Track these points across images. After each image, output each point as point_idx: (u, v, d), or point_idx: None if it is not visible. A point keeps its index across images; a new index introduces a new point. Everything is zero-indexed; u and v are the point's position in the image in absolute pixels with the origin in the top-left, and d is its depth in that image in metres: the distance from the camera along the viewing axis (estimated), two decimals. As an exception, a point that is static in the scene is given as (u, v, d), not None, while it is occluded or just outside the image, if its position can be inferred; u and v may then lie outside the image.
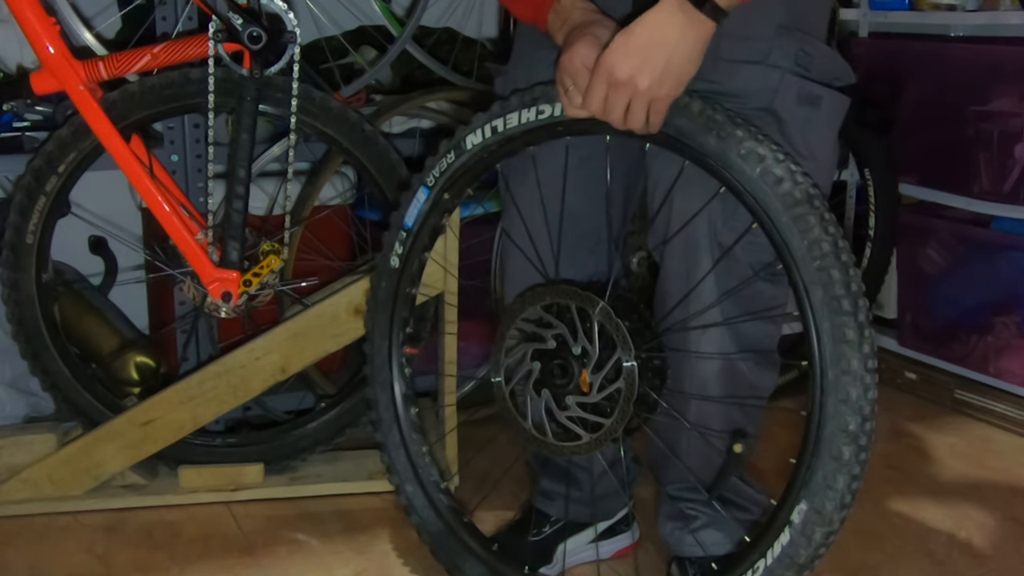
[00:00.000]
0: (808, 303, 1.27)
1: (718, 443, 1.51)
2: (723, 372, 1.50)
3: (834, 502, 1.27)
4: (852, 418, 1.25)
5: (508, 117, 1.48)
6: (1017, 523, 1.92)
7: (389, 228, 1.64)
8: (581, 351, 1.41)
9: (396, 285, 1.63)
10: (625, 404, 1.38)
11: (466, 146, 1.53)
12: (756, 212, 1.31)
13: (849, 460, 1.26)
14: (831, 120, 1.43)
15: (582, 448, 1.43)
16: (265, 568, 1.76)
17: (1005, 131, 2.27)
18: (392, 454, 1.67)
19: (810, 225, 1.27)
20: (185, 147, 1.96)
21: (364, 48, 2.37)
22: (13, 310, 1.88)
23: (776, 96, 1.39)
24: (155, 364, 2.10)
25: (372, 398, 1.68)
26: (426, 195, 1.58)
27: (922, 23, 2.46)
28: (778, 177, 1.29)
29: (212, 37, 1.73)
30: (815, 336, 1.27)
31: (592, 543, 1.77)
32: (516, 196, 1.60)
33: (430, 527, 1.65)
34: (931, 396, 2.45)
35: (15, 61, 2.04)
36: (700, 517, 1.63)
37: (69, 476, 1.89)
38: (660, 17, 1.28)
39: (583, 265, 1.60)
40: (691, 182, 1.42)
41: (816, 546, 1.30)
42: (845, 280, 1.26)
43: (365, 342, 1.69)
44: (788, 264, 1.29)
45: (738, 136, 1.31)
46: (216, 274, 1.80)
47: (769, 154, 1.30)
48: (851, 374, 1.25)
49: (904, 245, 2.51)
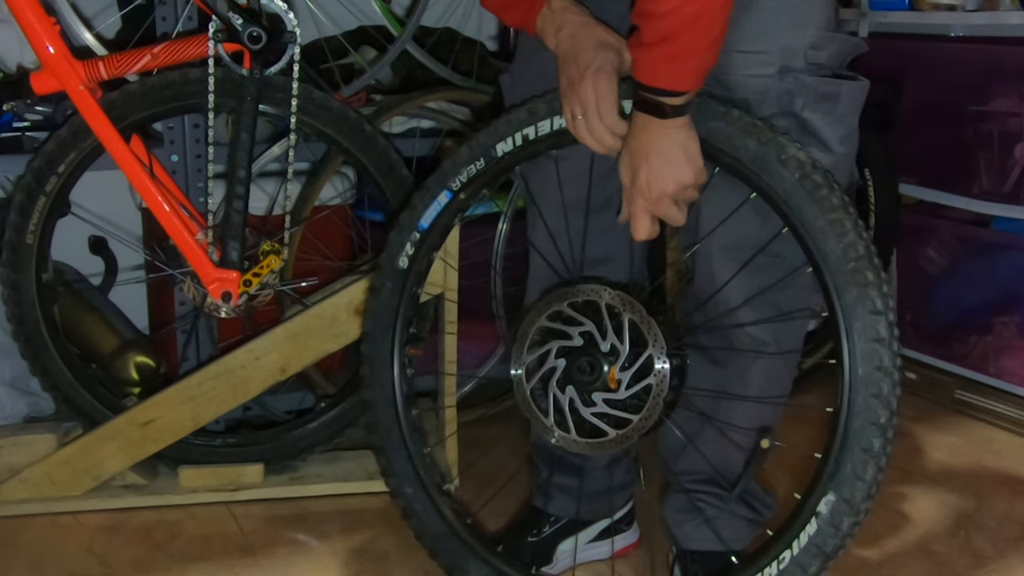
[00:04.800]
0: (840, 303, 1.32)
1: (741, 439, 1.53)
2: (761, 370, 1.52)
3: (863, 492, 1.32)
4: (883, 411, 1.31)
5: (539, 125, 1.48)
6: (1017, 523, 1.92)
7: (396, 228, 1.62)
8: (610, 348, 1.42)
9: (403, 285, 1.62)
10: (655, 401, 1.40)
11: (496, 153, 1.53)
12: (788, 217, 1.35)
13: (878, 452, 1.31)
14: (852, 109, 1.44)
15: (606, 445, 1.44)
16: (265, 568, 1.76)
17: (1005, 131, 2.27)
18: (392, 456, 1.65)
19: (846, 229, 1.32)
20: (185, 147, 1.96)
21: (364, 48, 2.37)
22: (13, 310, 1.88)
23: (794, 99, 1.40)
24: (155, 364, 2.10)
25: (370, 399, 1.66)
26: (448, 198, 1.58)
27: (922, 23, 2.46)
28: (817, 183, 1.33)
29: (212, 37, 1.73)
30: (845, 334, 1.31)
31: (592, 542, 1.77)
32: (537, 197, 1.61)
33: (432, 530, 1.63)
34: (931, 396, 2.45)
35: (15, 61, 2.05)
36: (709, 510, 1.63)
37: (69, 476, 1.89)
38: (636, 136, 1.36)
39: (605, 263, 1.61)
40: (718, 188, 1.42)
41: (844, 535, 1.34)
42: (878, 280, 1.31)
43: (363, 342, 1.67)
44: (820, 266, 1.33)
45: (780, 142, 1.34)
46: (216, 274, 1.80)
47: (807, 160, 1.34)
48: (883, 370, 1.30)
49: (904, 245, 2.51)
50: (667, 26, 1.27)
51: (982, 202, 2.33)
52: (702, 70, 1.31)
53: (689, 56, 1.29)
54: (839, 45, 1.43)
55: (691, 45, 1.28)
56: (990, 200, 2.31)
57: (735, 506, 1.61)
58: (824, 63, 1.41)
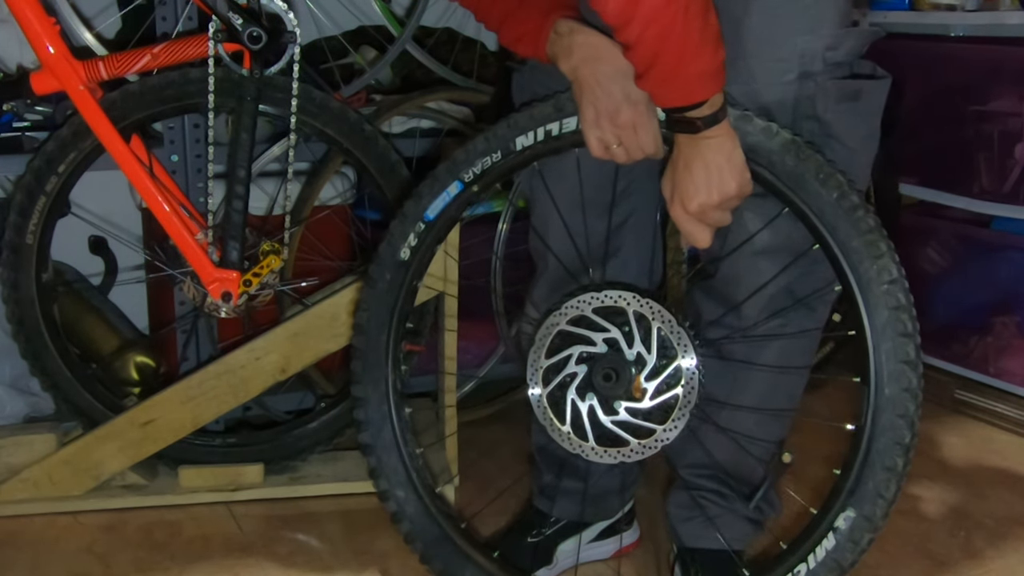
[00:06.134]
0: (869, 324, 1.32)
1: (755, 448, 1.53)
2: (780, 384, 1.53)
3: (883, 509, 1.34)
4: (907, 432, 1.32)
5: (565, 122, 1.45)
6: (1017, 523, 1.92)
7: (399, 218, 1.56)
8: (636, 356, 1.40)
9: (403, 277, 1.56)
10: (681, 411, 1.39)
11: (515, 147, 1.49)
12: (821, 235, 1.35)
13: (901, 471, 1.33)
14: (874, 108, 1.43)
15: (627, 453, 1.42)
16: (265, 568, 1.76)
17: (1005, 131, 2.27)
18: (382, 456, 1.58)
19: (881, 251, 1.33)
20: (185, 147, 1.96)
21: (364, 48, 2.37)
22: (13, 310, 1.88)
23: (816, 103, 1.39)
24: (155, 364, 2.10)
25: (361, 396, 1.59)
26: (459, 189, 1.53)
27: (922, 23, 2.45)
28: (854, 204, 1.33)
29: (212, 37, 1.73)
30: (873, 355, 1.32)
31: (593, 542, 1.77)
32: (556, 194, 1.58)
33: (424, 535, 1.57)
34: (931, 396, 2.45)
35: (15, 61, 2.04)
36: (712, 508, 1.63)
37: (69, 476, 1.89)
38: (679, 150, 1.34)
39: (614, 256, 1.60)
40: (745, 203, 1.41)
41: (861, 550, 1.36)
42: (909, 303, 1.32)
43: (355, 335, 1.60)
44: (850, 286, 1.34)
45: (817, 160, 1.34)
46: (216, 274, 1.80)
47: (844, 180, 1.34)
48: (910, 391, 1.32)
49: (904, 245, 2.50)
50: (643, 53, 1.26)
51: (982, 202, 2.33)
52: (706, 74, 1.27)
53: (680, 71, 1.26)
54: (855, 39, 1.41)
55: (676, 61, 1.25)
56: (990, 200, 2.31)
57: (739, 506, 1.61)
58: (843, 60, 1.40)
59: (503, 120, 1.50)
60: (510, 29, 1.47)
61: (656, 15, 1.21)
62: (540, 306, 1.62)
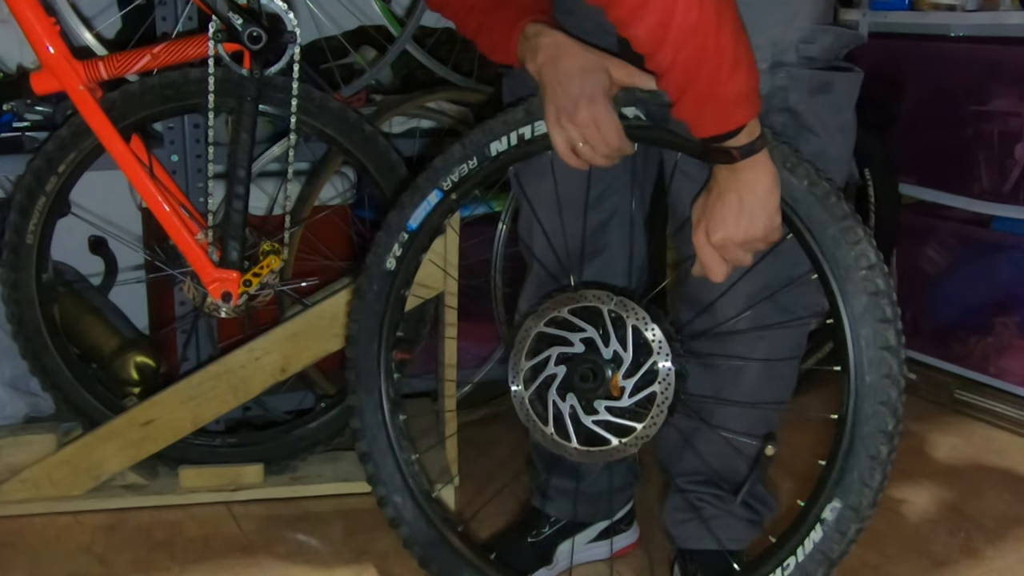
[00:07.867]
0: (847, 311, 1.31)
1: (741, 444, 1.52)
2: (766, 377, 1.52)
3: (869, 499, 1.32)
4: (890, 419, 1.31)
5: (536, 125, 1.45)
6: (1017, 523, 1.92)
7: (384, 229, 1.58)
8: (613, 355, 1.40)
9: (390, 287, 1.58)
10: (660, 408, 1.38)
11: (490, 153, 1.50)
12: (794, 224, 1.33)
13: (885, 459, 1.31)
14: (846, 100, 1.43)
15: (608, 453, 1.41)
16: (265, 568, 1.76)
17: (1005, 131, 2.27)
18: (378, 462, 1.60)
19: (858, 237, 1.31)
20: (185, 147, 1.96)
21: (364, 48, 2.37)
22: (13, 310, 1.88)
23: (789, 94, 1.38)
24: (155, 364, 2.10)
25: (355, 404, 1.61)
26: (439, 198, 1.54)
27: (922, 23, 2.46)
28: (827, 191, 1.32)
29: (212, 37, 1.73)
30: (852, 342, 1.31)
31: (592, 543, 1.77)
32: (532, 198, 1.58)
33: (421, 539, 1.59)
34: (931, 396, 2.45)
35: (15, 61, 2.05)
36: (708, 510, 1.63)
37: (69, 476, 1.89)
38: (716, 181, 1.33)
39: (598, 255, 1.60)
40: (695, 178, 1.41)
41: (849, 541, 1.34)
42: (888, 288, 1.31)
43: (348, 346, 1.62)
44: (826, 274, 1.32)
45: (783, 150, 1.33)
46: (216, 274, 1.80)
47: (812, 167, 1.33)
48: (891, 377, 1.30)
49: (904, 245, 2.51)
50: (676, 79, 1.25)
51: (982, 202, 2.33)
52: (741, 97, 1.25)
53: (714, 95, 1.24)
54: (832, 38, 1.41)
55: (710, 84, 1.23)
56: (990, 200, 2.31)
57: (735, 507, 1.61)
58: (817, 56, 1.39)
59: (478, 127, 1.51)
60: (485, 36, 1.48)
61: (687, 38, 1.20)
62: None
